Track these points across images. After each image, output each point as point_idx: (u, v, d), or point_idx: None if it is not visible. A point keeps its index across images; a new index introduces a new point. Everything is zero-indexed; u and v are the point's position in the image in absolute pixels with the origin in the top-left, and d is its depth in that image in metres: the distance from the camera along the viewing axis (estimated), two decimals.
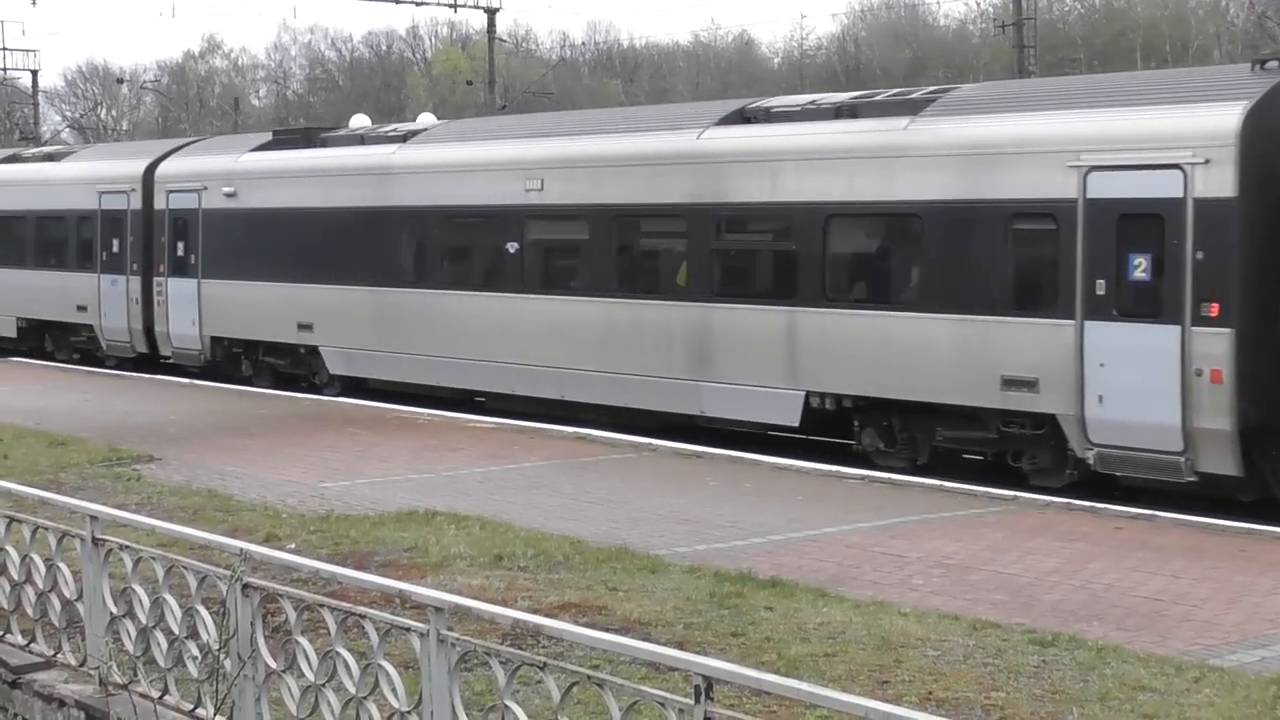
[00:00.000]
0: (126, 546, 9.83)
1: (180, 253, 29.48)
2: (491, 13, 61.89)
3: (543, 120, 27.98)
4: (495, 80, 62.03)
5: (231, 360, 28.62)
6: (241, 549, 8.88)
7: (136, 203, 30.52)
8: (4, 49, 70.31)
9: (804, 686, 6.46)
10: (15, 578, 10.72)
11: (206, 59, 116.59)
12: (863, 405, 18.84)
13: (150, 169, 30.64)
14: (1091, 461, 16.45)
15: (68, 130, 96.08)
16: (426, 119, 39.79)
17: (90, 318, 31.73)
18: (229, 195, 28.30)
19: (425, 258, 24.94)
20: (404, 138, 26.26)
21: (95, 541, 9.93)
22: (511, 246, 23.19)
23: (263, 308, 27.55)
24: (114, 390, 26.81)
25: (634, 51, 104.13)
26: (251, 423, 22.29)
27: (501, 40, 69.01)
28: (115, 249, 31.06)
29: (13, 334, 34.03)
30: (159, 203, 30.10)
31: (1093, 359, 16.31)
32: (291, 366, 27.47)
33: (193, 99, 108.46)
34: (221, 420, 22.58)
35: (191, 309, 29.08)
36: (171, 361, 30.00)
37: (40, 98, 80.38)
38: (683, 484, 16.79)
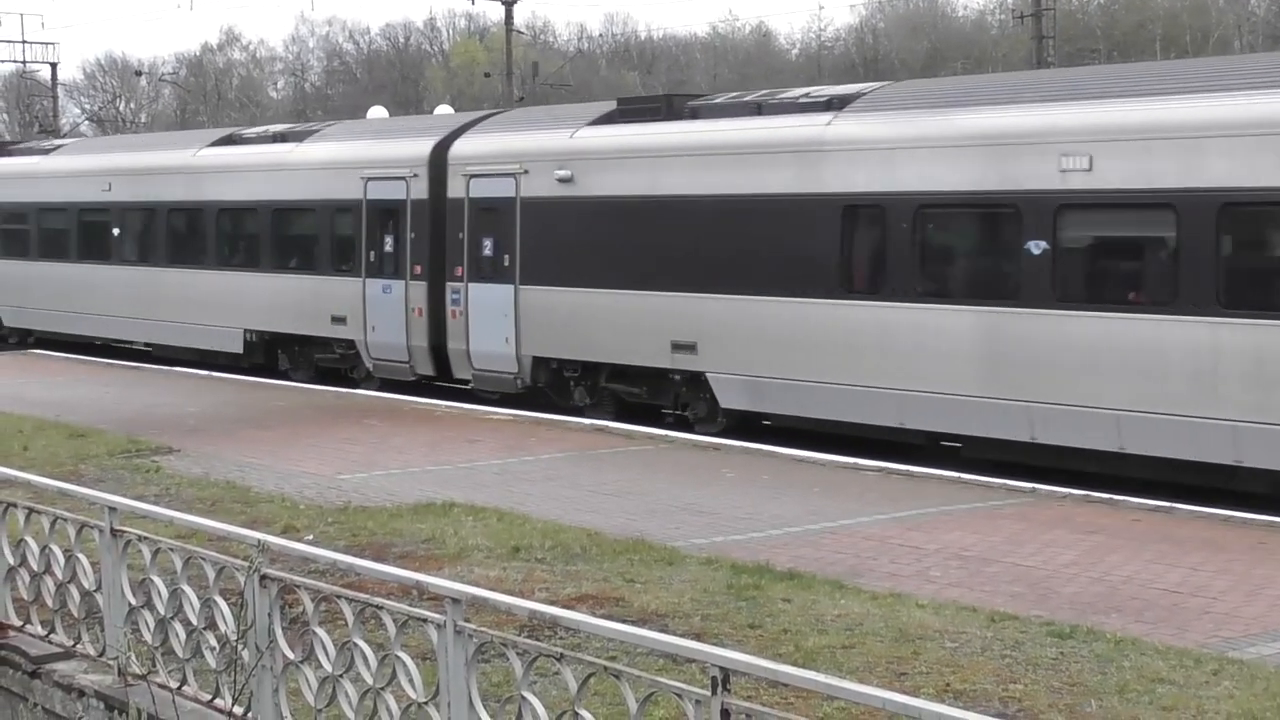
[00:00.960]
0: (145, 538, 9.86)
1: (488, 252, 23.80)
2: (509, 4, 61.88)
3: (1086, 76, 20.37)
4: (513, 72, 62.00)
5: (559, 386, 23.15)
6: (259, 540, 8.90)
7: (420, 190, 24.94)
8: (24, 42, 70.41)
9: (821, 678, 6.45)
10: (35, 568, 10.75)
11: (224, 51, 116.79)
12: None
13: (441, 148, 24.94)
14: None
15: (86, 123, 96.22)
16: (443, 110, 39.40)
17: (351, 331, 26.20)
18: (564, 180, 22.54)
19: (884, 259, 18.98)
20: (834, 104, 20.02)
21: (114, 533, 9.96)
22: (1036, 246, 17.26)
23: (615, 322, 22.00)
24: (133, 382, 26.86)
25: (651, 43, 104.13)
26: (269, 415, 22.33)
27: (519, 32, 68.99)
28: (388, 247, 25.64)
29: (238, 349, 28.77)
30: (454, 190, 24.40)
31: None
32: (651, 396, 22.01)
33: (210, 91, 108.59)
34: (240, 412, 22.62)
35: (505, 323, 23.41)
36: (470, 387, 24.66)
37: (59, 90, 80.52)
38: (700, 476, 16.79)
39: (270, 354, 28.61)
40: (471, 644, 7.55)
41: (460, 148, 24.64)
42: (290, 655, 8.60)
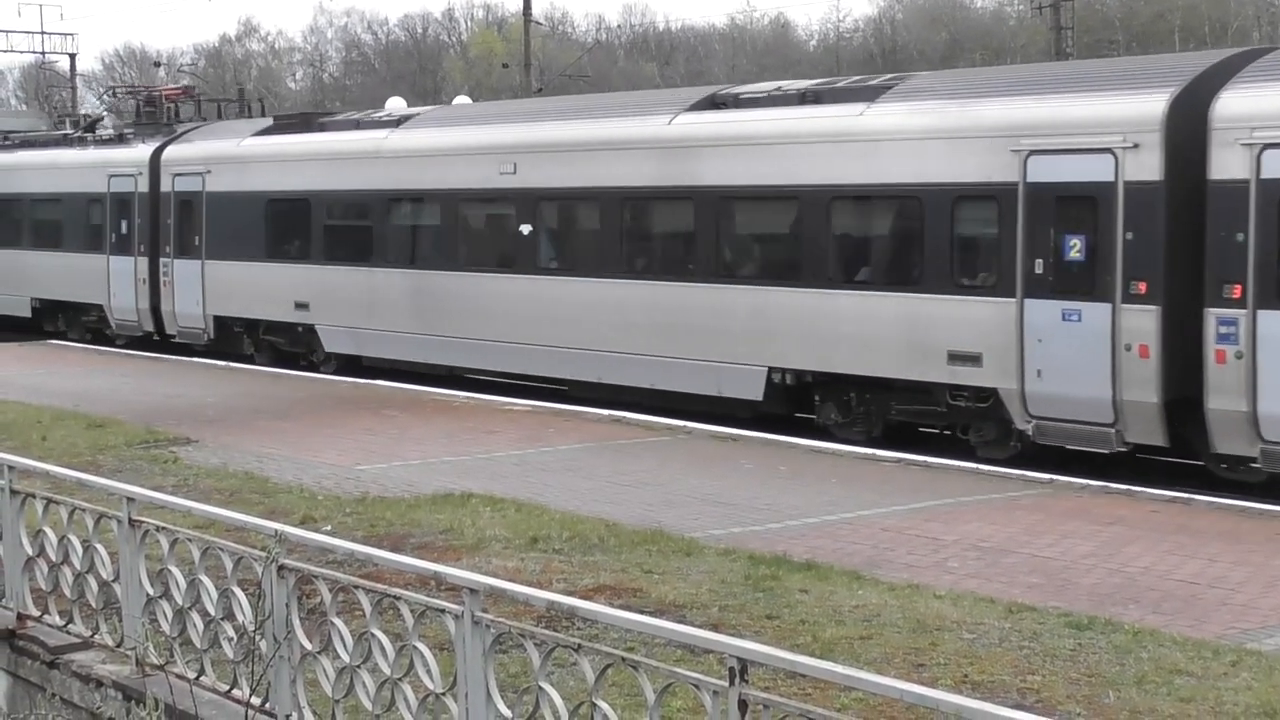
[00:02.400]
0: (163, 528, 9.87)
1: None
2: None
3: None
4: (531, 63, 61.96)
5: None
6: (277, 531, 8.91)
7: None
8: (42, 32, 70.55)
9: (839, 669, 6.44)
10: (53, 559, 10.78)
11: (243, 42, 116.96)
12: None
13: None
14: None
15: (106, 114, 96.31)
16: (462, 100, 39.54)
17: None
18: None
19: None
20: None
21: (132, 523, 9.98)
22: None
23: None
24: (151, 373, 26.92)
25: (670, 34, 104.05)
26: (288, 405, 22.36)
27: (538, 23, 68.95)
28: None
29: (757, 395, 20.36)
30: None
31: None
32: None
33: (229, 82, 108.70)
34: (258, 403, 22.65)
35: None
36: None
37: (78, 81, 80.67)
38: (717, 467, 16.78)
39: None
40: (489, 634, 7.55)
41: None
42: (308, 646, 8.61)
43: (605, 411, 21.10)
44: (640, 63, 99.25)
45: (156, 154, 31.34)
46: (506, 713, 7.50)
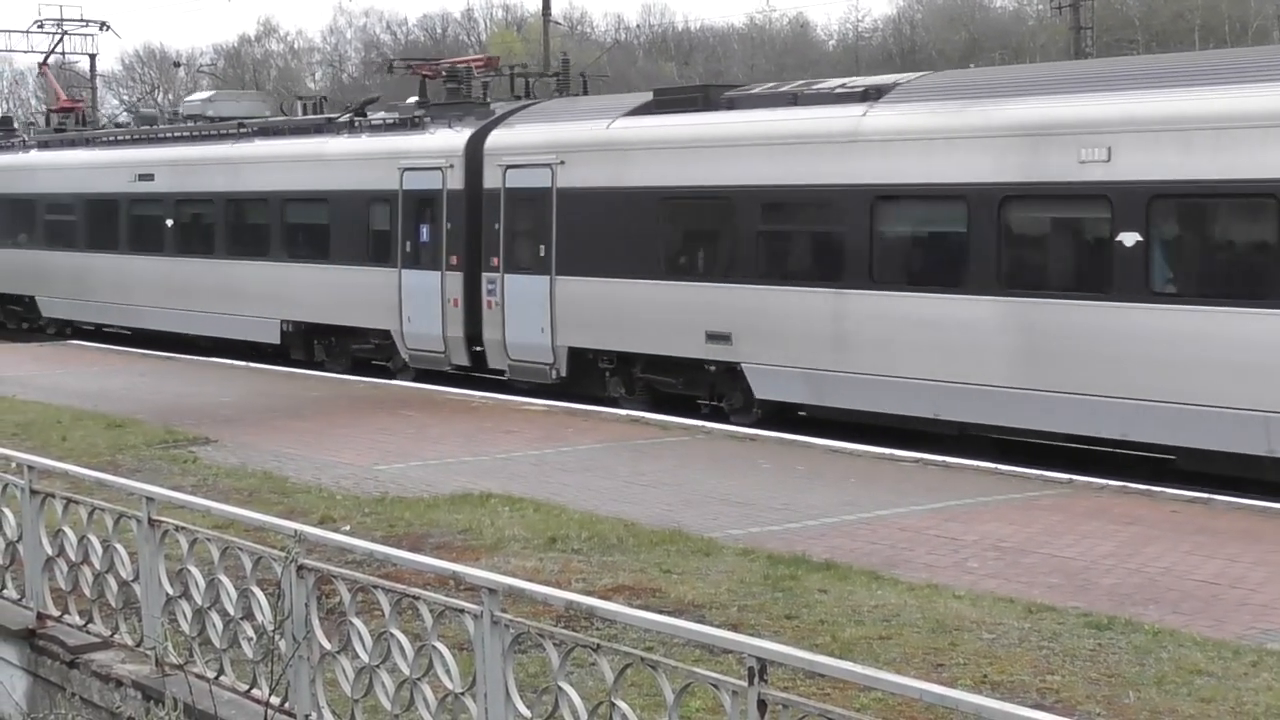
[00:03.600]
0: (182, 528, 9.89)
1: None
2: None
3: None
4: (550, 63, 61.94)
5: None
6: (296, 530, 8.92)
7: None
8: (63, 33, 70.59)
9: (858, 669, 6.43)
10: (73, 559, 10.80)
11: (262, 43, 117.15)
12: None
13: None
14: None
15: (126, 114, 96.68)
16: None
17: None
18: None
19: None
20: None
21: (151, 523, 9.99)
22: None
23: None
24: (168, 372, 26.97)
25: (689, 34, 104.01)
26: (306, 405, 22.39)
27: (557, 23, 69.01)
28: None
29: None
30: None
31: None
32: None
33: (249, 83, 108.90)
34: (276, 402, 22.69)
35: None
36: None
37: (98, 81, 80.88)
38: (735, 467, 16.77)
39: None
40: (508, 634, 7.55)
41: None
42: (327, 645, 8.61)
43: (623, 411, 21.10)
44: (659, 62, 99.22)
45: (475, 141, 24.89)
46: (526, 713, 7.49)
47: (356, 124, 28.07)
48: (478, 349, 24.67)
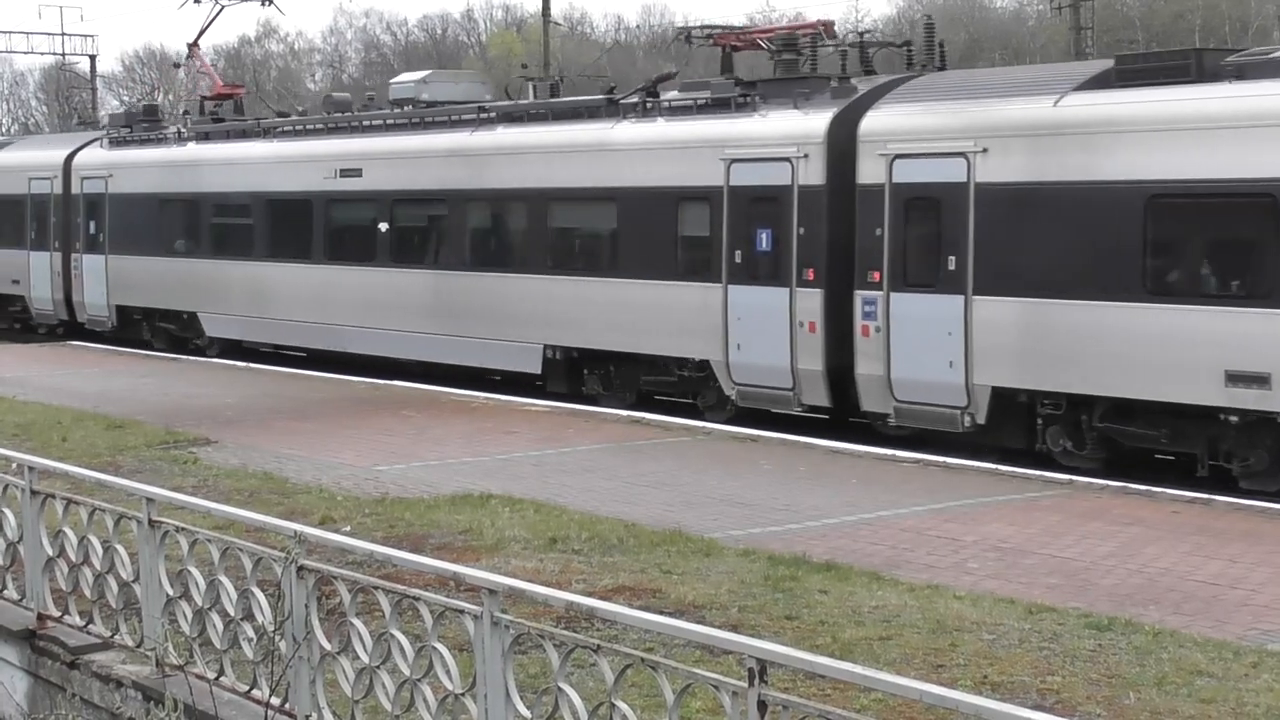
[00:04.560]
0: (183, 529, 9.89)
1: None
2: None
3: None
4: (550, 63, 61.97)
5: None
6: (297, 531, 8.92)
7: None
8: (63, 34, 70.78)
9: (858, 670, 6.43)
10: (73, 559, 10.80)
11: (262, 43, 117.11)
12: None
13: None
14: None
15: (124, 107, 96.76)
16: None
17: None
18: None
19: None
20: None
21: (152, 523, 9.99)
22: None
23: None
24: (171, 373, 26.97)
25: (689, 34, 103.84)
26: (306, 406, 22.39)
27: (556, 24, 68.98)
28: None
29: None
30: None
31: None
32: None
33: (249, 83, 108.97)
34: (277, 403, 22.69)
35: None
36: None
37: (98, 82, 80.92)
38: (736, 467, 16.76)
39: None
40: (508, 635, 7.55)
41: None
42: (327, 646, 8.62)
43: (624, 412, 21.10)
44: (659, 63, 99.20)
45: (842, 125, 19.96)
46: (526, 713, 7.50)
47: (649, 106, 22.92)
48: (839, 384, 19.74)
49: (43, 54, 74.32)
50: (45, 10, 69.12)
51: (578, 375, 23.42)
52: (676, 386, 22.24)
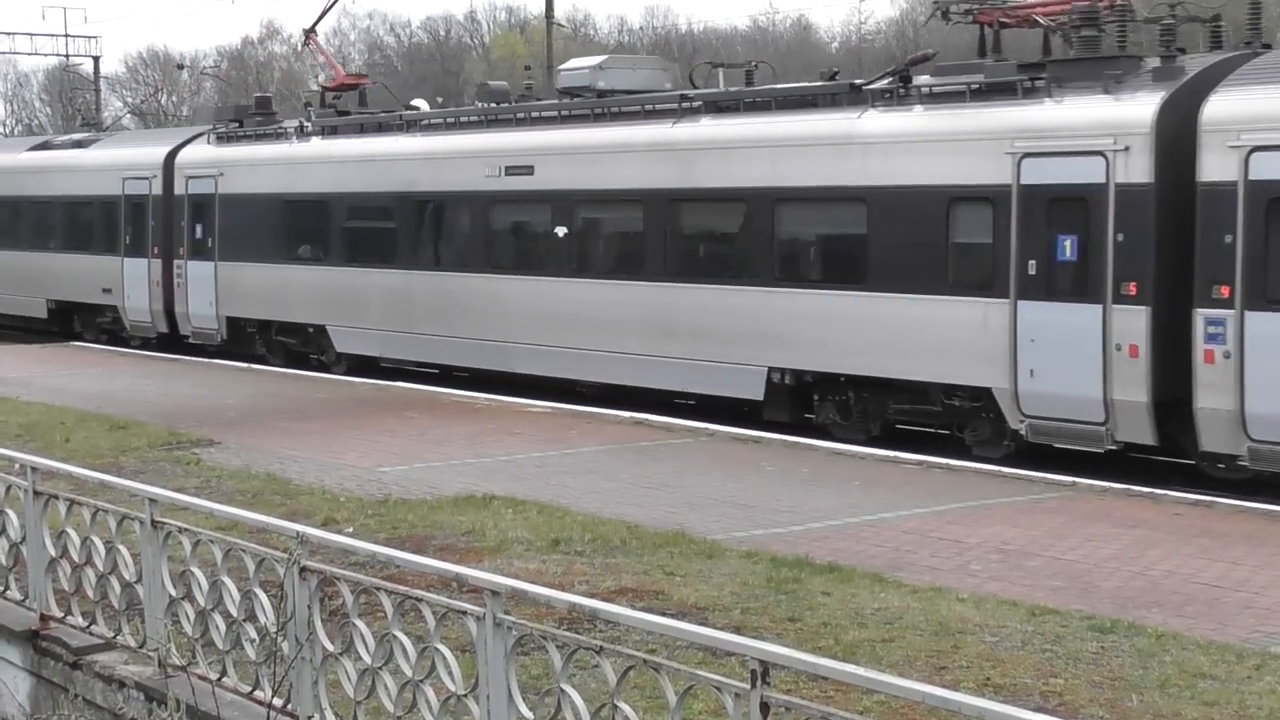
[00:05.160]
0: (185, 529, 9.89)
1: None
2: None
3: None
4: (553, 65, 61.99)
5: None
6: (299, 532, 8.92)
7: None
8: (66, 35, 70.84)
9: (861, 671, 6.43)
10: (76, 560, 10.81)
11: (265, 45, 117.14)
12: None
13: None
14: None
15: (129, 116, 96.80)
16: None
17: None
18: None
19: None
20: None
21: (155, 524, 10.00)
22: None
23: None
24: (174, 374, 26.97)
25: (691, 36, 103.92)
26: (309, 407, 22.39)
27: (560, 25, 68.93)
28: None
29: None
30: None
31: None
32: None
33: (252, 84, 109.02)
34: (279, 404, 22.69)
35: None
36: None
37: (102, 83, 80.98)
38: (739, 469, 16.76)
39: None
40: (511, 636, 7.55)
41: None
42: (330, 647, 8.62)
43: (626, 414, 21.09)
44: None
45: (1173, 113, 17.00)
46: (528, 714, 7.50)
47: (904, 92, 19.87)
48: (1168, 419, 17.03)
49: (47, 55, 74.42)
50: (49, 12, 69.13)
51: (804, 402, 20.59)
52: (938, 417, 19.43)
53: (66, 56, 73.74)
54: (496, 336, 24.38)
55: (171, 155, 31.75)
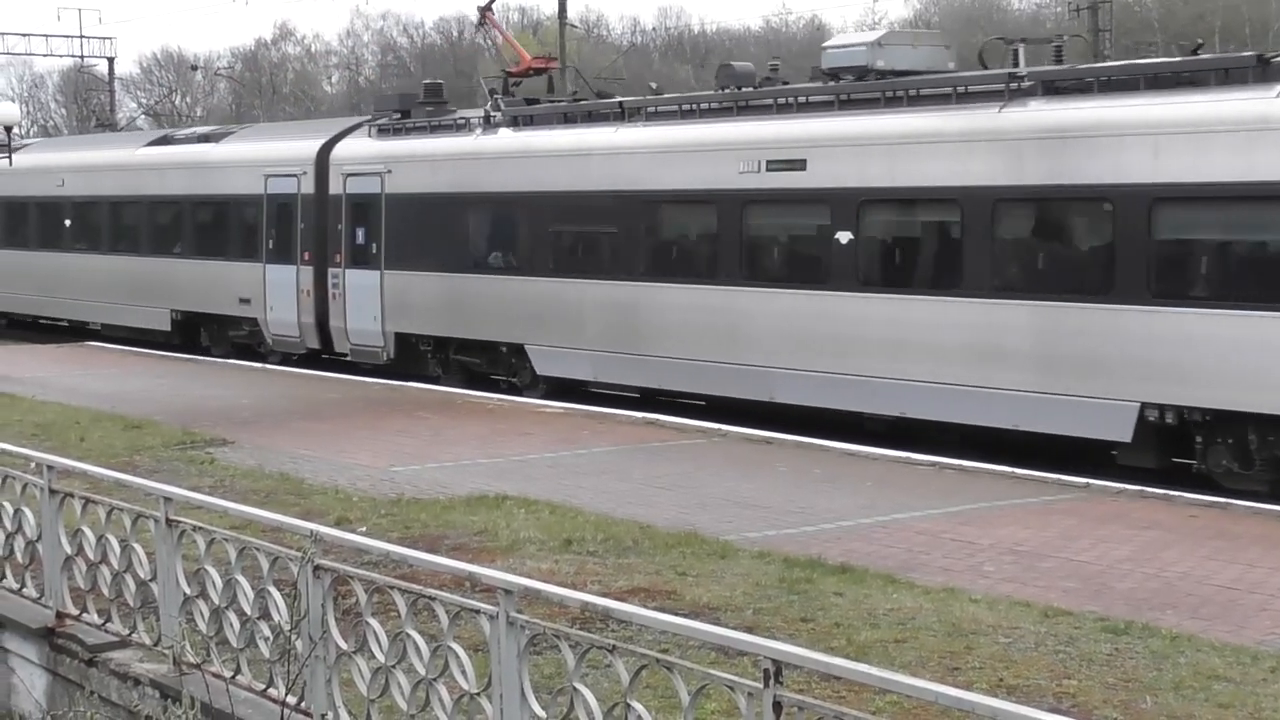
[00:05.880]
0: (200, 528, 9.92)
1: None
2: None
3: None
4: (566, 66, 62.01)
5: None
6: (313, 531, 8.94)
7: None
8: (81, 36, 70.96)
9: (874, 671, 6.43)
10: (91, 558, 10.84)
11: (279, 46, 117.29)
12: None
13: None
14: None
15: (144, 117, 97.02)
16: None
17: None
18: None
19: None
20: None
21: (169, 523, 10.03)
22: None
23: None
24: (188, 374, 27.01)
25: (705, 37, 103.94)
26: (323, 407, 22.42)
27: (573, 26, 69.01)
28: None
29: None
30: None
31: None
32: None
33: (265, 85, 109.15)
34: (293, 404, 22.72)
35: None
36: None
37: (116, 85, 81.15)
38: (752, 469, 16.75)
39: None
40: (524, 635, 7.56)
41: None
42: (343, 646, 8.63)
43: (639, 414, 21.08)
44: (675, 65, 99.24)
45: None
46: (541, 713, 7.50)
47: None
48: None
49: (61, 56, 74.50)
50: (64, 13, 69.23)
51: (1178, 443, 17.06)
52: None
53: (81, 58, 73.86)
54: (750, 361, 20.80)
55: (325, 150, 28.24)
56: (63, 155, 37.95)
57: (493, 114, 25.77)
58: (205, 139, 32.96)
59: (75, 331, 34.10)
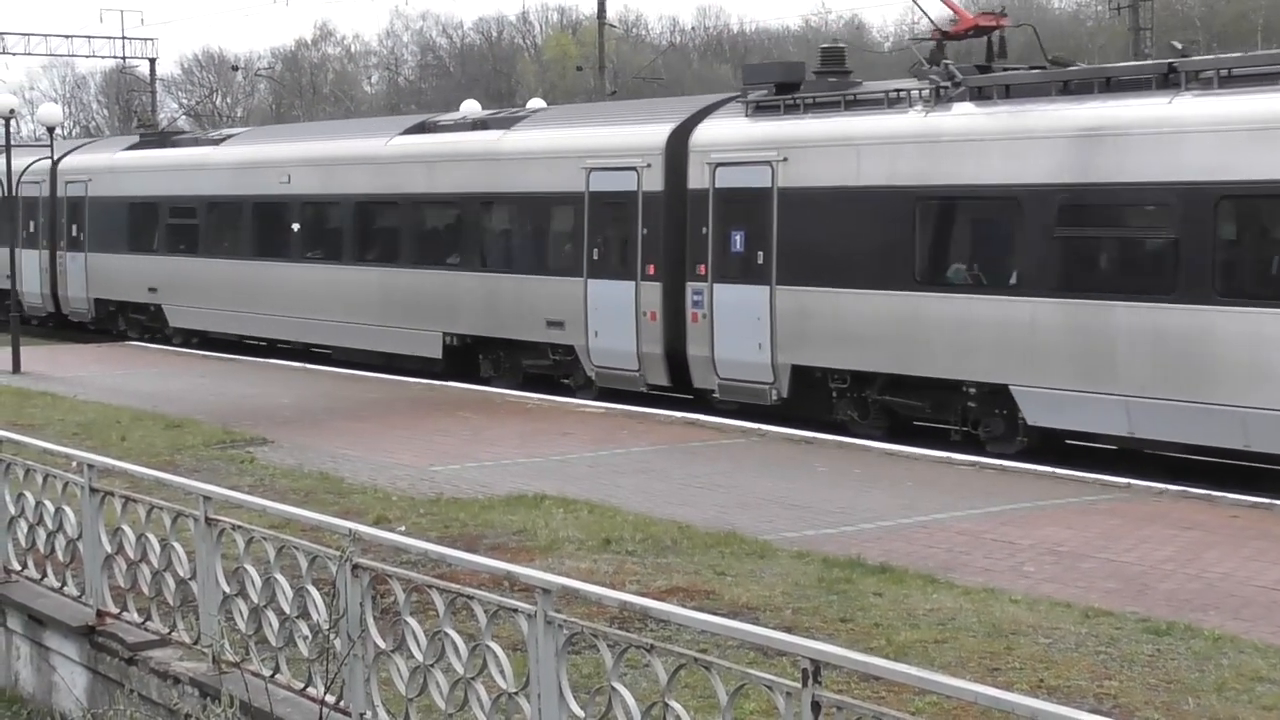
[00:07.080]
0: (239, 527, 9.94)
1: None
2: None
3: None
4: (605, 66, 62.02)
5: None
6: (352, 530, 8.94)
7: None
8: (124, 38, 71.32)
9: (913, 671, 6.40)
10: (131, 556, 10.88)
11: (319, 46, 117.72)
12: None
13: None
14: None
15: (184, 117, 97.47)
16: (536, 103, 37.29)
17: None
18: None
19: None
20: None
21: (209, 522, 10.05)
22: None
23: None
24: (227, 374, 27.11)
25: (744, 36, 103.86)
26: (362, 406, 22.47)
27: (611, 25, 69.01)
28: None
29: None
30: None
31: None
32: None
33: (305, 86, 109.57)
34: (333, 404, 22.78)
35: None
36: None
37: (157, 85, 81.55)
38: (791, 469, 16.72)
39: None
40: (562, 634, 7.55)
41: None
42: (382, 644, 8.64)
43: (678, 414, 21.07)
44: (714, 65, 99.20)
45: None
46: (579, 713, 7.49)
47: None
48: None
49: (104, 58, 74.93)
50: (107, 15, 69.64)
51: None
52: None
53: (123, 59, 74.24)
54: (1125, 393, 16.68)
55: (678, 135, 22.47)
56: (288, 146, 31.68)
57: (945, 86, 19.34)
58: (481, 125, 27.16)
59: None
